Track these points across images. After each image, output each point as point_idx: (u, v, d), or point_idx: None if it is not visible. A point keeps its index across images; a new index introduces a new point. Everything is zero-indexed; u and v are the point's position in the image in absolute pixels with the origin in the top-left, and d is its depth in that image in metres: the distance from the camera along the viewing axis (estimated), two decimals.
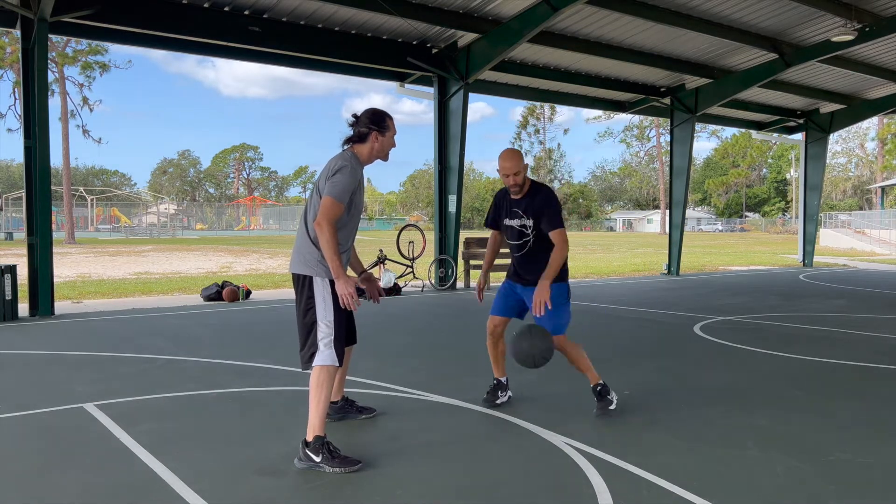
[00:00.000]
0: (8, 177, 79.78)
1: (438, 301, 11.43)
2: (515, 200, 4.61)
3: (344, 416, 4.42)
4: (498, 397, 4.86)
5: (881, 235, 38.01)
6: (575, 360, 4.63)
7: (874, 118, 48.26)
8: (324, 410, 3.66)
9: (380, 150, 3.88)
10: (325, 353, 3.67)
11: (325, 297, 3.70)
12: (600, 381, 4.66)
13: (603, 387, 4.65)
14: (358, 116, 3.89)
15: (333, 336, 3.69)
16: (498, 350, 4.87)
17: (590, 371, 4.65)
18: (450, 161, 13.45)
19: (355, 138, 3.86)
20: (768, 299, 11.63)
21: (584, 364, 4.64)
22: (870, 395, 5.15)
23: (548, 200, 4.51)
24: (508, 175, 4.47)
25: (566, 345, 4.58)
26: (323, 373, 3.67)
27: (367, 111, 3.91)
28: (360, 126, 3.85)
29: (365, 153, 3.86)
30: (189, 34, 10.87)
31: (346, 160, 3.75)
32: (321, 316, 3.69)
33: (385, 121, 3.88)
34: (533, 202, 4.53)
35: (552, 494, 3.27)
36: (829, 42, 13.41)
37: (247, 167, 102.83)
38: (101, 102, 64.31)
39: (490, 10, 11.82)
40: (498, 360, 4.87)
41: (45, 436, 4.14)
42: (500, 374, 4.89)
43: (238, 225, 71.03)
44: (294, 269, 3.81)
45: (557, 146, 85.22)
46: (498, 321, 4.79)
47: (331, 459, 3.56)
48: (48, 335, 7.90)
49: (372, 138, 3.84)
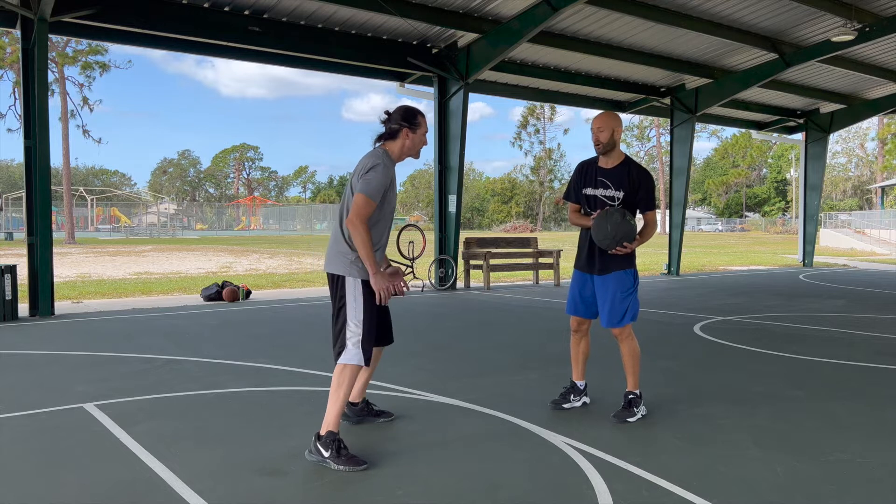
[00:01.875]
0: (8, 177, 79.76)
1: (438, 301, 11.43)
2: (604, 170, 4.41)
3: (362, 420, 4.39)
4: (569, 401, 4.67)
5: (881, 235, 38.03)
6: (627, 356, 4.45)
7: (874, 118, 48.26)
8: (341, 407, 3.69)
9: (411, 147, 3.90)
10: (352, 352, 3.70)
11: (356, 297, 3.73)
12: (636, 391, 4.47)
13: (635, 398, 4.46)
14: (390, 114, 3.90)
15: (362, 336, 3.72)
16: (580, 349, 4.67)
17: (634, 376, 4.46)
18: (450, 161, 13.45)
19: (387, 136, 3.87)
20: (768, 299, 11.63)
21: (633, 367, 4.45)
22: (870, 395, 5.14)
23: (647, 176, 4.35)
24: (594, 130, 4.36)
25: (627, 337, 4.42)
26: (346, 371, 3.70)
27: (399, 108, 3.91)
28: (391, 123, 3.87)
29: (396, 150, 3.87)
30: (189, 34, 10.87)
31: (379, 158, 3.76)
32: (351, 315, 3.72)
33: (416, 118, 3.89)
34: (629, 174, 4.34)
35: (552, 495, 3.27)
36: (829, 42, 13.41)
37: (247, 167, 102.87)
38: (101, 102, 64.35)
39: (490, 10, 11.82)
40: (578, 361, 4.68)
41: (45, 436, 4.14)
42: (578, 377, 4.70)
43: (238, 225, 71.04)
44: (327, 268, 3.85)
45: (557, 146, 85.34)
46: (580, 319, 4.61)
47: (338, 457, 3.57)
48: (48, 335, 7.90)
49: (403, 135, 3.85)
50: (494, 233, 65.76)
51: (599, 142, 4.36)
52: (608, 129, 4.34)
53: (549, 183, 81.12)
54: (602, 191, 4.39)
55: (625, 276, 4.40)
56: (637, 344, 4.50)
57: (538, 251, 14.98)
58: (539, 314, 9.90)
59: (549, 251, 14.86)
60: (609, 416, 4.47)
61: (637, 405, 4.45)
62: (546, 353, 6.74)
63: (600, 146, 4.37)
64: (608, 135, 4.35)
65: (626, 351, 4.46)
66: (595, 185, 4.43)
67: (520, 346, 7.28)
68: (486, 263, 13.63)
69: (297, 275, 16.92)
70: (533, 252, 14.98)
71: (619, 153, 4.43)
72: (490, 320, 9.20)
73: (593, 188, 4.44)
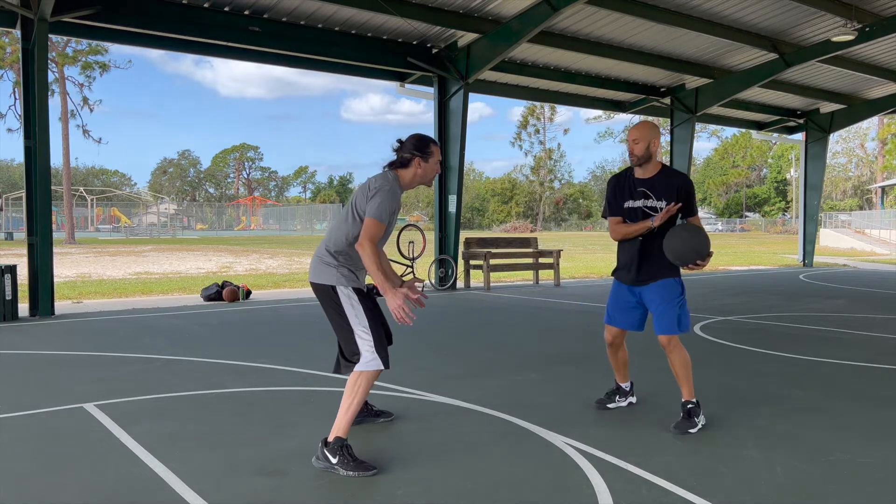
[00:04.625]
0: (8, 177, 79.74)
1: (438, 301, 11.42)
2: (642, 180, 4.29)
3: (362, 421, 4.37)
4: (614, 401, 4.68)
5: (881, 235, 38.02)
6: (679, 366, 4.31)
7: (874, 118, 48.25)
8: (354, 414, 3.65)
9: (423, 175, 3.88)
10: (369, 358, 3.66)
11: (352, 305, 3.72)
12: (693, 399, 4.30)
13: (694, 406, 4.26)
14: (403, 142, 3.89)
15: (374, 341, 3.69)
16: (619, 359, 4.61)
17: (688, 386, 4.31)
18: (450, 161, 13.45)
19: (398, 164, 3.86)
20: (768, 299, 11.63)
21: (686, 376, 4.31)
22: (870, 395, 5.14)
23: (689, 183, 4.27)
24: (629, 142, 4.27)
25: (676, 347, 4.31)
26: (363, 377, 3.67)
27: (412, 137, 3.90)
28: (403, 152, 3.85)
29: (407, 178, 3.86)
30: (189, 34, 10.87)
31: (388, 182, 3.74)
32: (355, 323, 3.70)
33: (429, 146, 3.86)
34: (669, 182, 4.22)
35: (552, 495, 3.27)
36: (829, 42, 13.42)
37: (247, 167, 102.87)
38: (101, 102, 64.26)
39: (490, 10, 11.82)
40: (619, 368, 4.64)
41: (45, 436, 4.14)
42: (622, 380, 4.70)
43: (238, 225, 71.03)
44: (313, 278, 3.83)
45: (557, 146, 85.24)
46: (616, 332, 4.51)
47: (347, 463, 3.54)
48: (48, 335, 7.90)
49: (415, 164, 3.84)
50: (494, 233, 65.75)
51: (634, 154, 4.25)
52: (644, 141, 4.22)
53: (549, 183, 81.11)
54: (643, 201, 4.28)
55: (674, 283, 4.33)
56: (686, 353, 4.36)
57: (538, 251, 14.98)
58: (539, 314, 9.90)
59: (549, 251, 14.85)
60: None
61: (697, 414, 4.26)
62: (546, 354, 6.74)
63: (634, 158, 4.26)
64: (643, 147, 4.23)
65: (676, 361, 4.32)
66: (635, 197, 4.30)
67: (520, 346, 7.28)
68: (487, 263, 13.64)
69: (297, 275, 16.92)
70: (533, 252, 14.98)
71: (655, 162, 4.29)
72: (490, 320, 9.20)
73: (633, 200, 4.31)
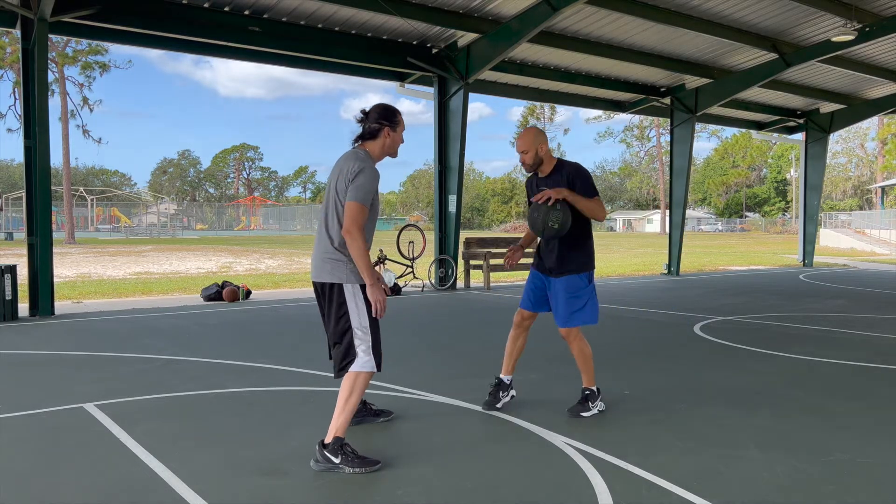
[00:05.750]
0: (8, 177, 79.72)
1: (438, 301, 11.43)
2: (543, 179, 4.52)
3: (362, 421, 4.34)
4: (499, 399, 4.70)
5: (881, 235, 38.01)
6: (578, 357, 4.57)
7: (874, 118, 48.26)
8: (350, 414, 3.61)
9: (391, 146, 3.81)
10: (364, 360, 3.61)
11: (357, 304, 3.62)
12: (593, 387, 4.58)
13: (591, 393, 4.57)
14: (367, 113, 3.80)
15: (371, 342, 3.63)
16: (516, 345, 4.75)
17: (588, 374, 4.59)
18: (450, 161, 13.45)
19: (367, 135, 3.77)
20: (768, 299, 11.63)
21: (585, 366, 4.58)
22: (870, 395, 5.15)
23: (577, 171, 4.43)
24: (519, 154, 4.49)
25: (575, 338, 4.52)
26: (359, 378, 3.62)
27: (377, 106, 3.82)
28: (370, 122, 3.76)
29: (377, 150, 3.77)
30: (189, 34, 10.86)
31: (363, 160, 3.65)
32: (356, 323, 3.61)
33: (396, 116, 3.81)
34: (561, 174, 4.44)
35: (552, 495, 3.27)
36: (829, 42, 13.41)
37: (247, 167, 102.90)
38: (101, 102, 64.19)
39: (490, 10, 11.82)
40: (511, 356, 4.74)
41: (45, 436, 4.14)
42: (507, 372, 4.74)
43: (238, 225, 71.02)
44: (318, 277, 3.70)
45: (557, 146, 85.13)
46: (526, 314, 4.71)
47: (351, 460, 3.53)
48: (48, 335, 7.90)
49: (384, 134, 3.76)
50: (494, 233, 65.77)
51: (525, 164, 4.52)
52: (531, 150, 4.45)
53: None
54: None
55: (577, 279, 4.52)
56: (587, 345, 4.59)
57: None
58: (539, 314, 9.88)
59: None
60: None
61: (593, 400, 4.55)
62: (546, 354, 6.74)
63: (527, 167, 4.52)
64: (532, 155, 4.46)
65: (574, 351, 4.58)
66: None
67: None
68: (487, 263, 13.63)
69: (297, 275, 16.92)
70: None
71: (550, 160, 4.52)
72: (490, 320, 9.20)
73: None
